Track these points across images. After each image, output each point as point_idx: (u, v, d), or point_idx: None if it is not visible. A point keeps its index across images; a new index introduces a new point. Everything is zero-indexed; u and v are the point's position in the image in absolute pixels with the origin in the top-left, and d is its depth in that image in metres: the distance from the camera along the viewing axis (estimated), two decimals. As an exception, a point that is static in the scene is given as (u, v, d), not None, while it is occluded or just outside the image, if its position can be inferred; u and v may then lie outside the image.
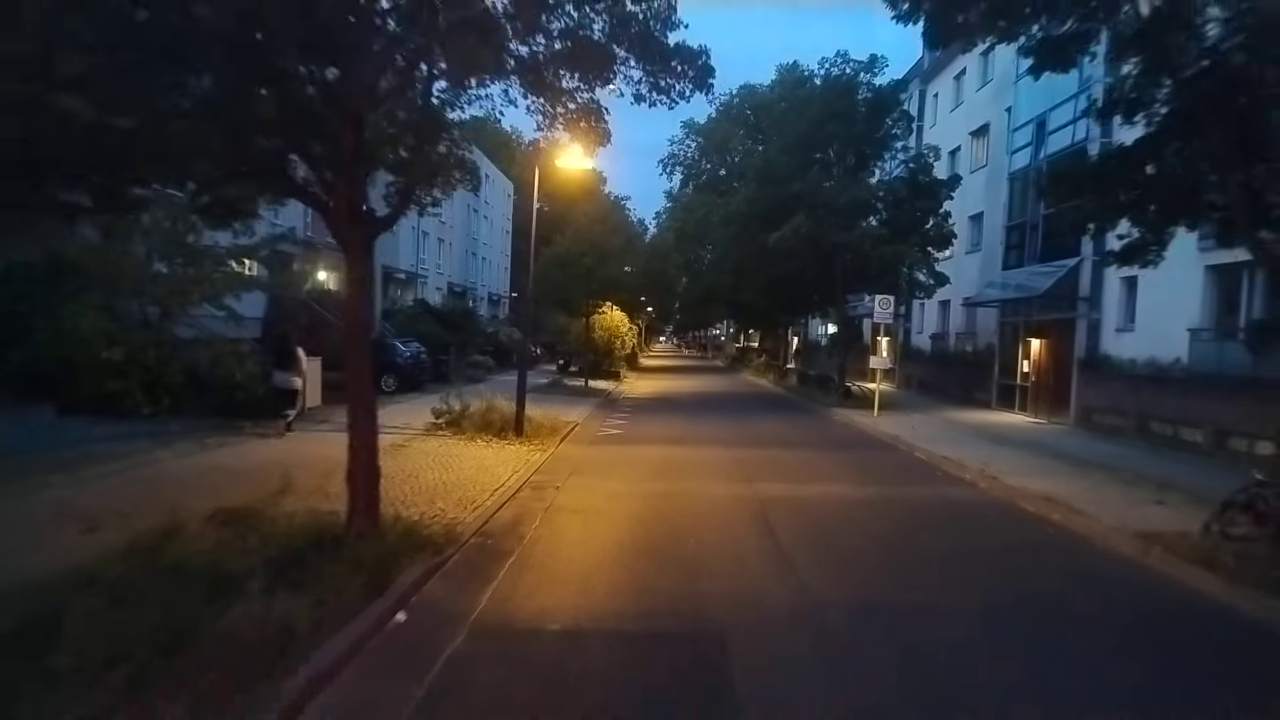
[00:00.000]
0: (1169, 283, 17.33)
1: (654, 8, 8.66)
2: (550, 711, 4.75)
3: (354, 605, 5.96)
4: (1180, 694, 5.28)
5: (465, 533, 8.40)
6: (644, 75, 9.11)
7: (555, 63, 8.56)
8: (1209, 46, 8.35)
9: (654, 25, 8.78)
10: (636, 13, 8.59)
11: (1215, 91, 8.21)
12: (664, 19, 8.87)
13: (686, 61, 9.13)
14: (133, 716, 4.22)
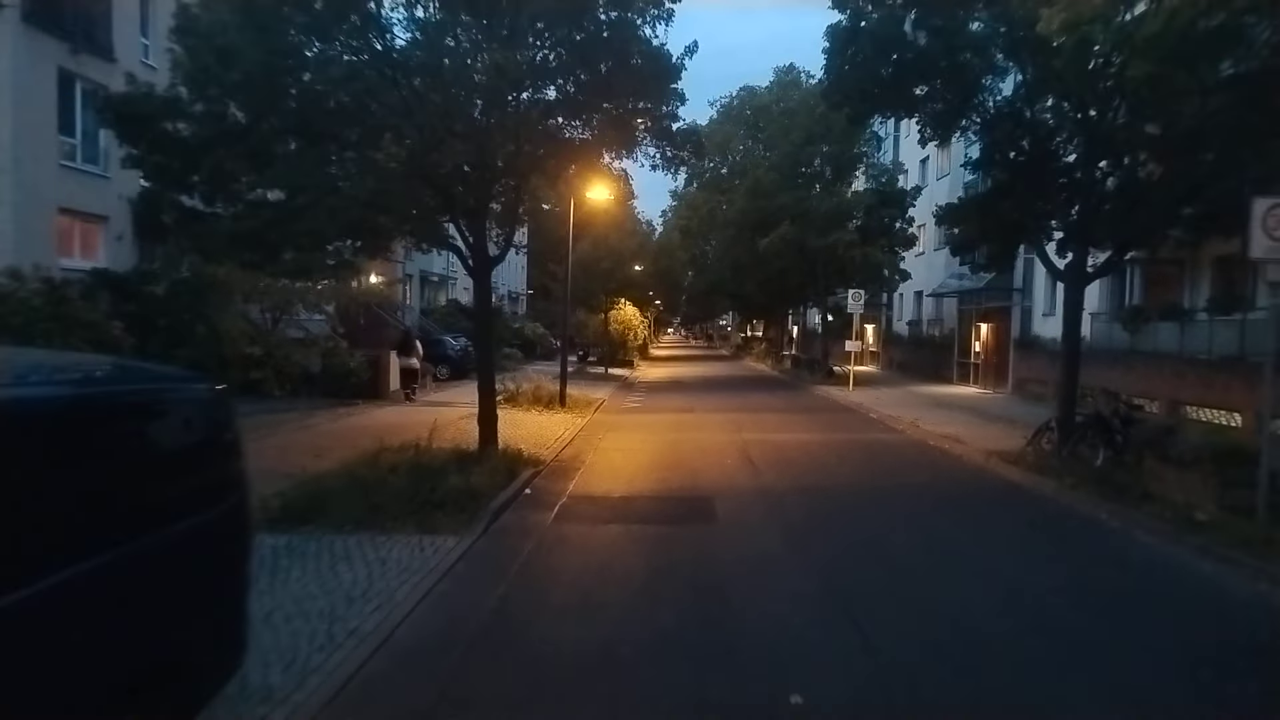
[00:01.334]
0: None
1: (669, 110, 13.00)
2: (616, 519, 9.35)
3: (500, 484, 10.54)
4: (966, 521, 9.83)
5: (547, 459, 13.00)
6: (658, 151, 13.61)
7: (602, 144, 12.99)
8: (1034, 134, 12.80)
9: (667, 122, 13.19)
10: (659, 112, 12.95)
11: (1030, 166, 12.70)
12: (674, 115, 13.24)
13: (689, 140, 13.63)
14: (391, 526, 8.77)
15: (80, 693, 2.96)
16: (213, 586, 3.94)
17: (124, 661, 3.23)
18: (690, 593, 6.91)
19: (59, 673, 2.84)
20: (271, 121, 9.78)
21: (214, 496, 3.90)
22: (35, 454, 2.83)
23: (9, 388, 2.89)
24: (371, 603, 6.19)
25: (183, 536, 3.58)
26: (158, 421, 3.72)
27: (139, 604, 3.31)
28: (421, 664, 5.30)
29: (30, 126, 17.04)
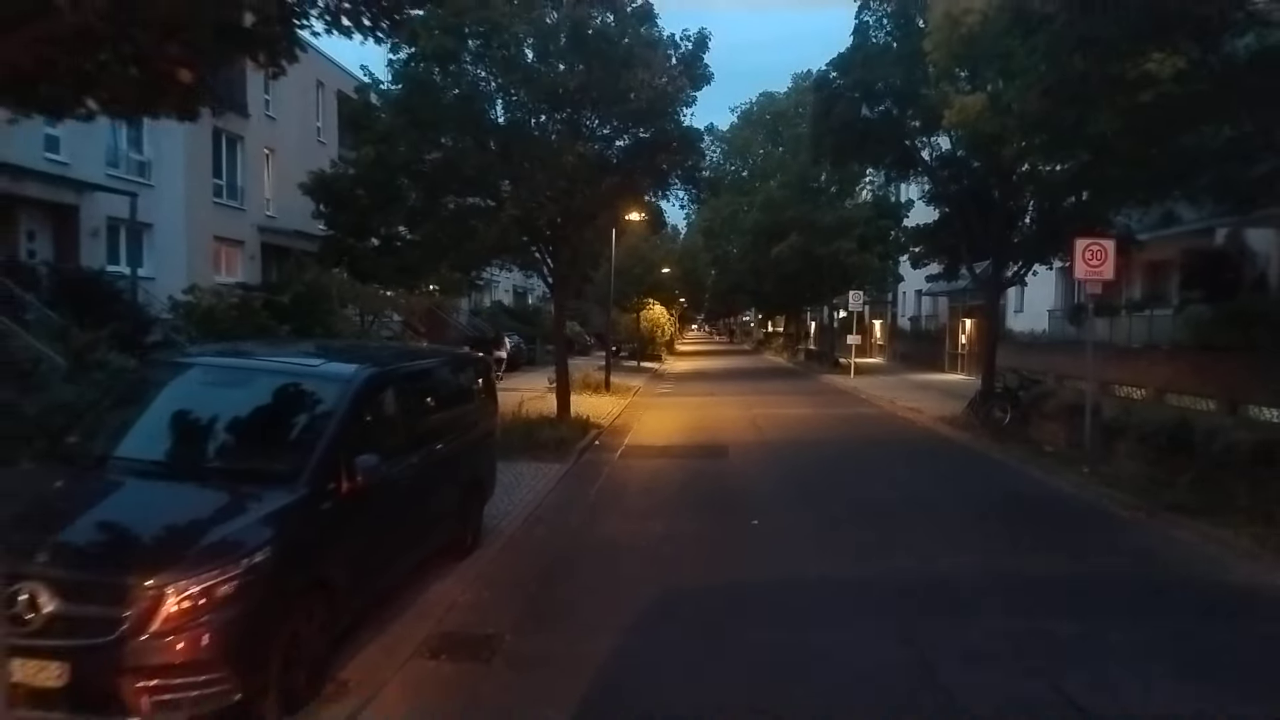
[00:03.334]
0: (1041, 281, 25.90)
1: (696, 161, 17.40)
2: (661, 456, 13.87)
3: (579, 437, 15.06)
4: (895, 455, 14.24)
5: (605, 424, 17.55)
6: (685, 190, 18.10)
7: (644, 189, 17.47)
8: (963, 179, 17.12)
9: (694, 173, 17.60)
10: (686, 165, 17.37)
11: (964, 201, 17.01)
12: (697, 167, 17.69)
13: (715, 183, 18.15)
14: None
15: (449, 489, 7.50)
16: (486, 451, 8.52)
17: (463, 478, 7.78)
18: (709, 486, 11.44)
19: (437, 482, 7.34)
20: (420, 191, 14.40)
21: (487, 410, 8.48)
22: (411, 392, 7.31)
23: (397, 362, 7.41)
24: (525, 490, 10.74)
25: (477, 427, 8.14)
26: (464, 372, 8.30)
27: (466, 458, 7.86)
28: (565, 510, 9.86)
29: (195, 174, 21.89)
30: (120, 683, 3.92)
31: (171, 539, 4.27)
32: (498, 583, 7.12)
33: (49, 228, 17.82)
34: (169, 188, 20.94)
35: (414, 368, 7.17)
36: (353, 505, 5.21)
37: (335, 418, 5.33)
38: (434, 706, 4.90)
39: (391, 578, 6.06)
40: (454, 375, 8.05)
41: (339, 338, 23.93)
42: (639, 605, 6.59)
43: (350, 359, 6.33)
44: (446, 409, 7.48)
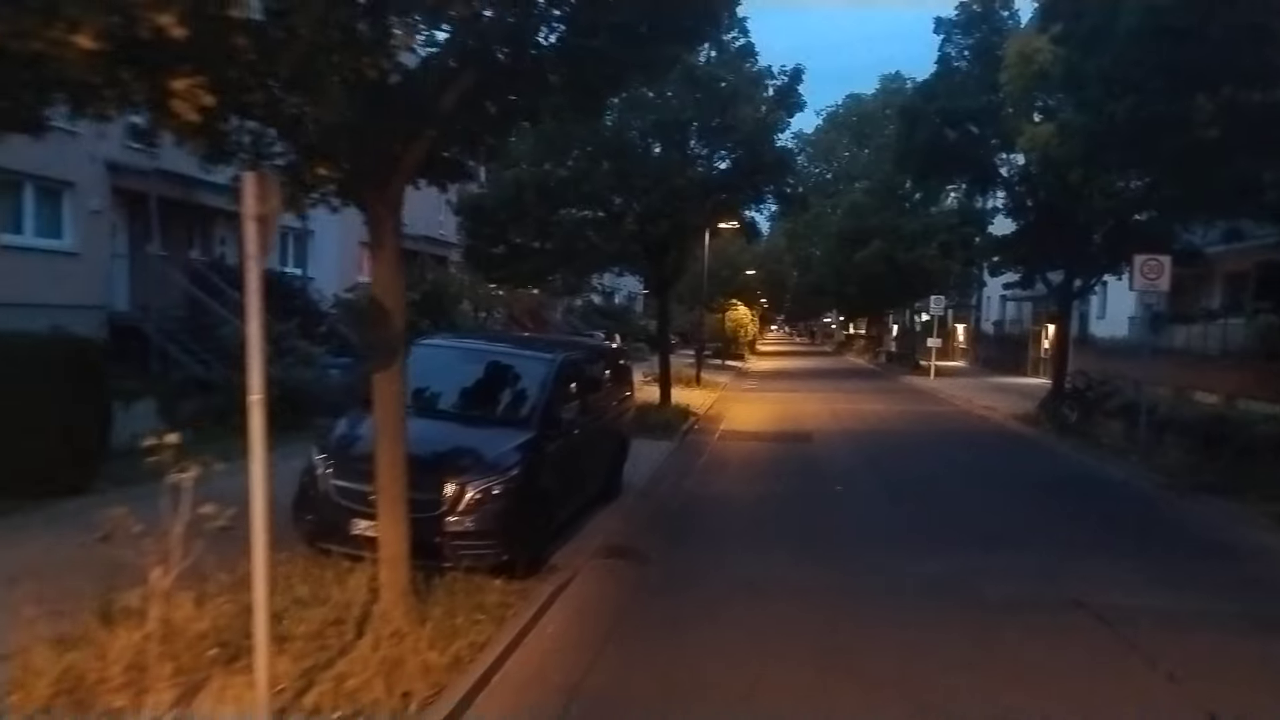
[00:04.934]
0: (1123, 289, 26.84)
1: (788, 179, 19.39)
2: (753, 439, 15.97)
3: (681, 421, 17.30)
4: (963, 445, 15.97)
5: (700, 413, 19.71)
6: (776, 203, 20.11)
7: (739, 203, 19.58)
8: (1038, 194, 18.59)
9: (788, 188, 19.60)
10: (782, 181, 19.39)
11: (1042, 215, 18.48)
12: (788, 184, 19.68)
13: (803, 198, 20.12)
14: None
15: (604, 447, 9.77)
16: (625, 423, 10.81)
17: (611, 441, 10.06)
18: (797, 462, 13.48)
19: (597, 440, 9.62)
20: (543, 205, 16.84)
21: (625, 390, 10.77)
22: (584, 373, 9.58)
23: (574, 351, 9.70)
24: (645, 460, 12.97)
25: (620, 404, 10.42)
26: (611, 360, 10.60)
27: (613, 425, 10.14)
28: (680, 474, 12.08)
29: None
30: (438, 541, 6.28)
31: (466, 457, 6.63)
32: (639, 518, 9.39)
33: (235, 234, 21.06)
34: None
35: (584, 355, 9.50)
36: (557, 445, 7.53)
37: (547, 386, 7.68)
38: (614, 582, 7.16)
39: (576, 501, 8.37)
40: (605, 363, 10.37)
41: (459, 328, 26.85)
42: (747, 533, 8.78)
43: (547, 348, 8.70)
44: (602, 387, 9.78)
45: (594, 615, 6.27)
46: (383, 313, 5.57)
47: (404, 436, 5.51)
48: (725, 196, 17.64)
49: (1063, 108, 13.73)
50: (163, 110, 3.94)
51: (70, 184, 15.75)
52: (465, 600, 5.81)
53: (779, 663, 5.42)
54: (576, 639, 5.76)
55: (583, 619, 6.16)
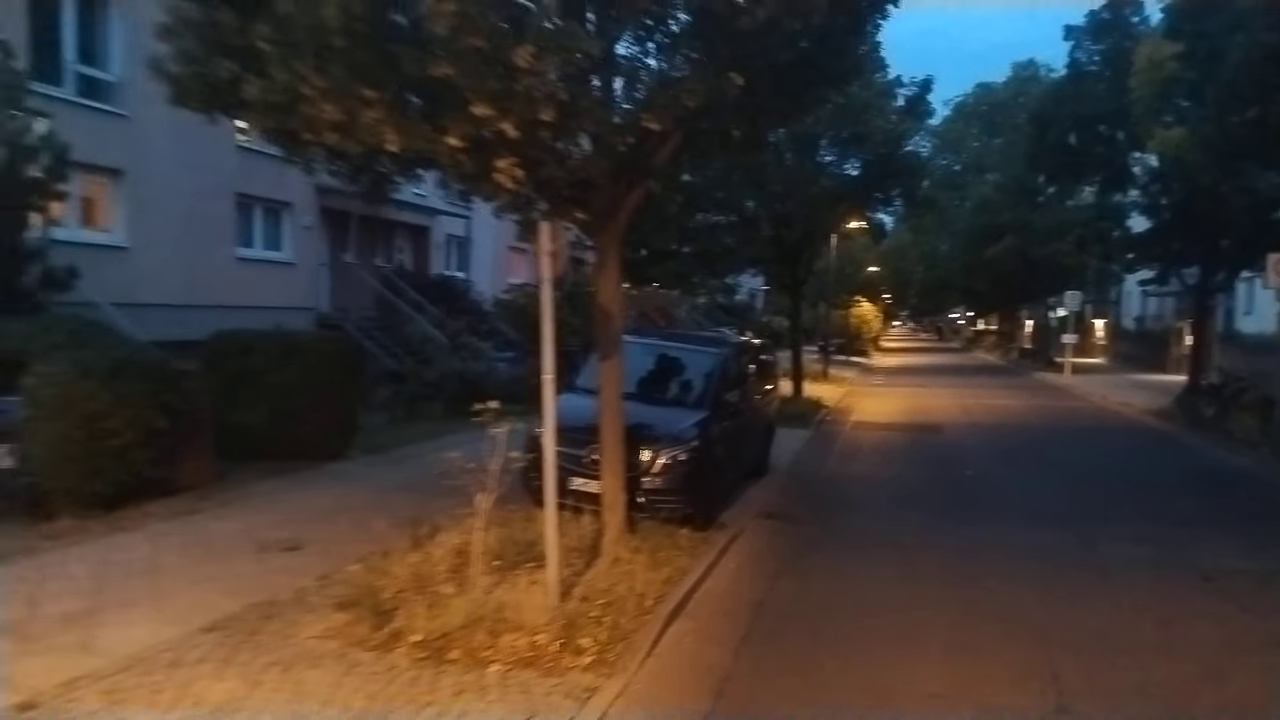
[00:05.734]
0: (1271, 281, 26.05)
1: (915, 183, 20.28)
2: (884, 430, 17.05)
3: (813, 412, 18.54)
4: (1096, 437, 16.52)
5: (831, 405, 20.85)
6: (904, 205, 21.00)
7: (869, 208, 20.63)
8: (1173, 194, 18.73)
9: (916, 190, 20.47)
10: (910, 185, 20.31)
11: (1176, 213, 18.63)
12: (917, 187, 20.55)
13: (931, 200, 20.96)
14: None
15: (755, 428, 11.26)
16: (771, 412, 12.26)
17: (761, 424, 11.54)
18: (927, 449, 14.54)
19: (751, 422, 11.13)
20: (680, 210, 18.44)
21: (770, 380, 12.22)
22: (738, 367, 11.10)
23: (731, 344, 11.22)
24: (784, 445, 14.36)
25: (767, 392, 11.88)
26: (758, 354, 12.08)
27: (763, 410, 11.61)
28: (819, 458, 13.41)
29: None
30: (638, 496, 7.95)
31: (656, 431, 8.28)
32: (789, 491, 10.84)
33: (410, 243, 23.78)
34: (483, 210, 26.62)
35: (740, 350, 11.05)
36: (723, 424, 9.09)
37: (715, 375, 9.28)
38: (776, 536, 8.66)
39: (737, 472, 9.91)
40: (754, 355, 11.87)
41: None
42: (886, 504, 10.09)
43: (712, 343, 10.31)
44: (753, 378, 11.29)
45: (765, 557, 7.81)
46: (607, 315, 7.25)
47: (622, 410, 7.20)
48: (855, 201, 18.73)
49: (1191, 114, 14.15)
50: (487, 181, 5.74)
51: (289, 204, 18.58)
52: (662, 541, 7.44)
53: (922, 593, 6.80)
54: (754, 572, 7.32)
55: (756, 559, 7.71)
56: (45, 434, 7.17)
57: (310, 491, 9.05)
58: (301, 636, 5.25)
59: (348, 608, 5.64)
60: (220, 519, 7.84)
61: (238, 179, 16.86)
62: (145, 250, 14.49)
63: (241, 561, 6.62)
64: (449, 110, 5.24)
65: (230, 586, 6.01)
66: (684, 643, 5.66)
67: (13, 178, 9.20)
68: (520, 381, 17.38)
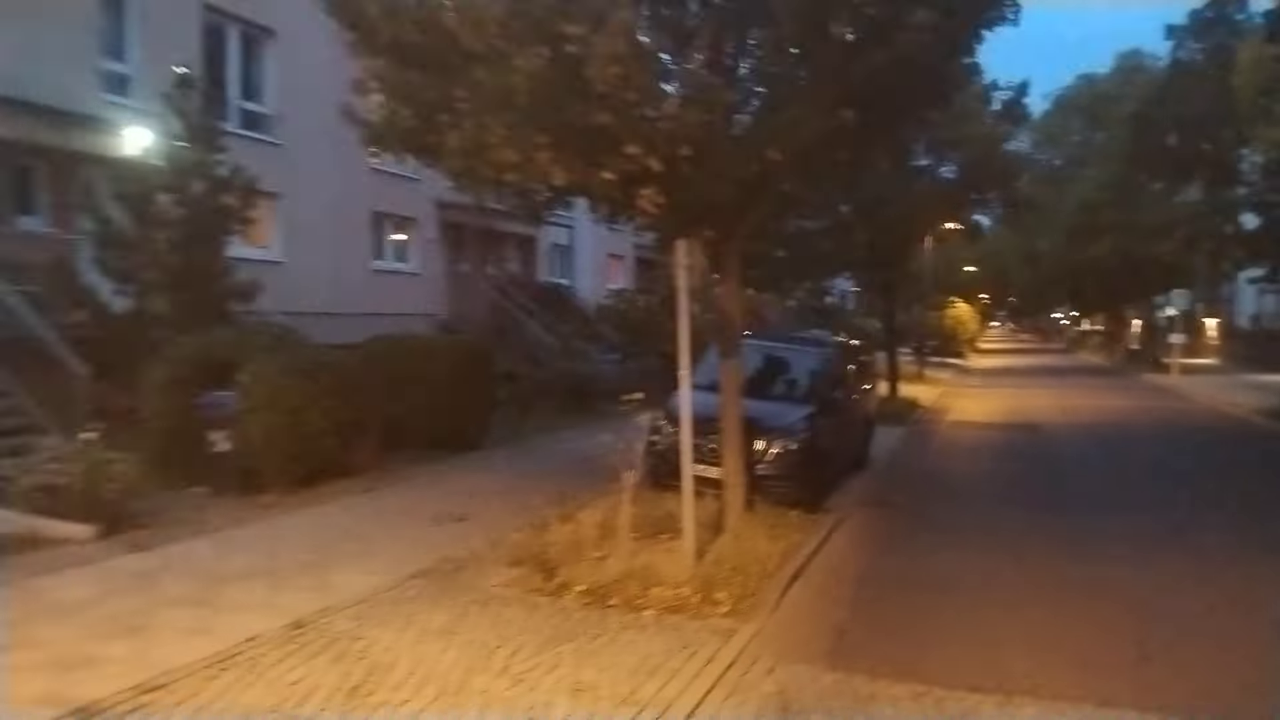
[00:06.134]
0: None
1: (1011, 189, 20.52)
2: (981, 428, 17.42)
3: (909, 411, 19.01)
4: (1194, 435, 16.50)
5: (926, 405, 21.22)
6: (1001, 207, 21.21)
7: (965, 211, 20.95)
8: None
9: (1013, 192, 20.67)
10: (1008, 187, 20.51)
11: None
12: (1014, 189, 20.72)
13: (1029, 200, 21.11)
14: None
15: (857, 422, 12.00)
16: (871, 409, 12.98)
17: (861, 419, 12.28)
18: (1024, 447, 14.93)
19: (853, 416, 11.87)
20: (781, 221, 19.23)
21: (870, 378, 12.94)
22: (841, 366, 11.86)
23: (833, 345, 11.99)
24: (882, 441, 14.97)
25: (867, 388, 12.60)
26: (858, 353, 12.82)
27: (863, 406, 12.35)
28: (916, 453, 14.02)
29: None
30: (754, 479, 8.86)
31: (769, 422, 9.18)
32: (888, 482, 11.55)
33: (518, 252, 25.31)
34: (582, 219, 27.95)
35: (841, 351, 11.85)
36: (828, 418, 9.91)
37: (821, 372, 10.13)
38: (879, 520, 9.43)
39: (840, 463, 10.71)
40: (853, 356, 12.62)
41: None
42: (981, 495, 10.72)
43: (816, 344, 11.15)
44: (853, 376, 12.06)
45: (869, 537, 8.62)
46: (729, 319, 8.21)
47: (741, 403, 8.15)
48: (951, 205, 19.13)
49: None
50: (631, 207, 6.80)
51: (414, 219, 20.26)
52: (777, 520, 8.33)
53: (1015, 568, 7.50)
54: (860, 548, 8.16)
55: (862, 538, 8.54)
56: (257, 423, 8.61)
57: (461, 475, 10.33)
58: (487, 584, 6.40)
59: (518, 564, 6.77)
60: (394, 496, 9.17)
61: (372, 198, 18.59)
62: (297, 264, 16.25)
63: (421, 529, 7.87)
64: (605, 150, 6.32)
65: (419, 547, 7.24)
66: (804, 601, 6.56)
67: (210, 207, 10.82)
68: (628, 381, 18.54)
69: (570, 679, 4.85)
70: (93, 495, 7.06)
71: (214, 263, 10.92)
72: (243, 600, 5.81)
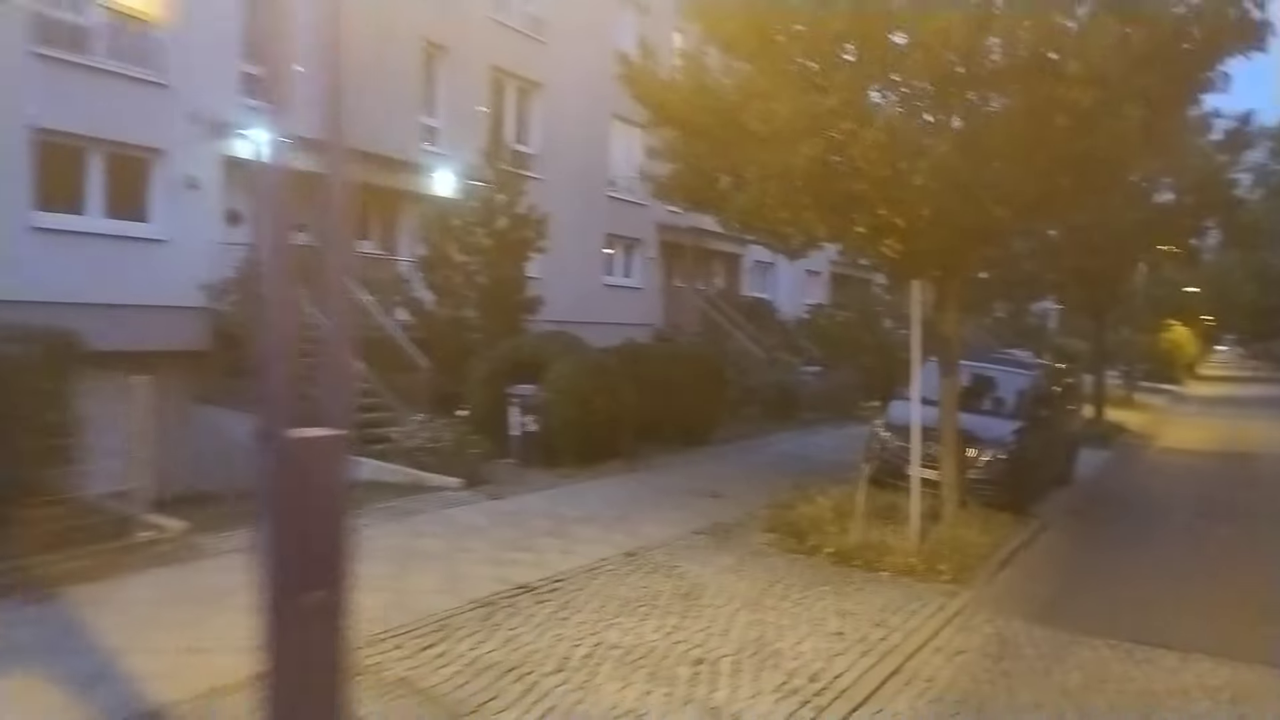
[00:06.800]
0: None
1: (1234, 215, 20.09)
2: (1191, 455, 17.41)
3: (1115, 435, 19.14)
4: None
5: (1134, 430, 21.09)
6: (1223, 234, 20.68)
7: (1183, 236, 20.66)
8: None
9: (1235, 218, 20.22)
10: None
11: None
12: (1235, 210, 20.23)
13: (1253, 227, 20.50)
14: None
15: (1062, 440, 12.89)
16: (1076, 429, 13.80)
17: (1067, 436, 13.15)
18: (1235, 474, 15.04)
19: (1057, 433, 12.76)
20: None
21: (1074, 404, 13.76)
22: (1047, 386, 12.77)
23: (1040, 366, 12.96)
24: (1086, 462, 15.55)
25: (1072, 409, 13.45)
26: (1063, 374, 13.69)
27: (1068, 424, 13.21)
28: (1120, 474, 14.59)
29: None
30: (967, 483, 10.24)
31: (981, 434, 10.51)
32: (1090, 497, 12.44)
33: (724, 269, 27.38)
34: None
35: (1047, 372, 12.88)
36: (1035, 433, 11.06)
37: (1028, 392, 11.32)
38: (1081, 525, 10.49)
39: (1044, 476, 11.78)
40: (1059, 378, 13.55)
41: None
42: (1183, 514, 11.44)
43: (1024, 366, 12.32)
44: (1059, 397, 13.01)
45: (1072, 538, 9.81)
46: (948, 343, 9.66)
47: (958, 415, 9.60)
48: (1167, 230, 19.09)
49: None
50: (874, 253, 8.50)
51: (639, 240, 22.79)
52: (988, 519, 9.65)
53: (1208, 569, 8.49)
54: (1063, 547, 9.39)
55: (1065, 538, 9.75)
56: (558, 410, 11.04)
57: (703, 462, 12.39)
58: (753, 542, 8.32)
59: (773, 531, 8.64)
60: (654, 476, 11.34)
61: (607, 222, 21.27)
62: (550, 279, 19.05)
63: (687, 500, 9.93)
64: (859, 210, 8.08)
65: (691, 513, 9.28)
66: (1014, 579, 7.99)
67: (513, 239, 13.55)
68: (835, 391, 20.05)
69: (834, 608, 6.64)
70: (460, 456, 9.66)
71: (515, 282, 13.64)
72: (585, 536, 8.07)
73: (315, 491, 2.79)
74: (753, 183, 8.27)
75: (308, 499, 2.77)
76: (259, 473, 2.74)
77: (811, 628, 6.18)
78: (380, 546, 6.94)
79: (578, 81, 19.49)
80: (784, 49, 7.86)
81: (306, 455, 2.75)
